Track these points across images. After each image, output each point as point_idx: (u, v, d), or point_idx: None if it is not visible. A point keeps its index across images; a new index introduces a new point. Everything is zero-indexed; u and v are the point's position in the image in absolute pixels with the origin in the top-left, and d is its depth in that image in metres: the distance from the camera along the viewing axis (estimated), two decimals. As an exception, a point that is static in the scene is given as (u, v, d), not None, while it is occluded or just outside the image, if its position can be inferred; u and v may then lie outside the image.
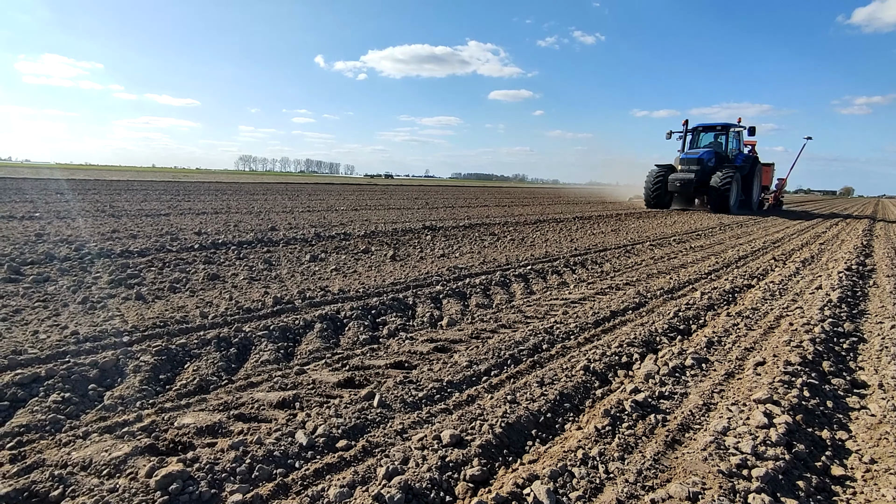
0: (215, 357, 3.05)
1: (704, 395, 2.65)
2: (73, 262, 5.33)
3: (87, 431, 2.22)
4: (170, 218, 10.55)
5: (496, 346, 3.35)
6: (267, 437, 2.12)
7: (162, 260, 5.71)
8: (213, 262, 5.77)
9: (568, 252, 7.63)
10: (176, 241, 6.99)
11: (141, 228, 8.47)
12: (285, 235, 8.02)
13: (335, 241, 7.75)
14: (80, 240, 6.90)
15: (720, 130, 20.61)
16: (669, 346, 3.56)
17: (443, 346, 3.49)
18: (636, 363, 3.21)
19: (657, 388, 2.72)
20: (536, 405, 2.51)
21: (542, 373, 2.95)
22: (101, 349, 3.05)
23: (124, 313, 3.81)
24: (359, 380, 2.88)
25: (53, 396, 2.44)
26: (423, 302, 4.45)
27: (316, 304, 4.23)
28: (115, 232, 7.87)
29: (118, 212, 11.29)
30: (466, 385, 2.80)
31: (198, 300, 4.24)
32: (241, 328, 3.43)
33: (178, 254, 6.16)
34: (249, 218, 10.99)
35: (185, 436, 2.22)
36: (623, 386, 2.82)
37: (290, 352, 3.32)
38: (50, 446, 2.10)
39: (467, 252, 7.28)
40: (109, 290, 4.44)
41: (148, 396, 2.59)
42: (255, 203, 15.82)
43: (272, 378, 2.87)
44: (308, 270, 5.60)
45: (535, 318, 4.26)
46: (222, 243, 6.96)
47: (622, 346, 3.42)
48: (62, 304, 3.93)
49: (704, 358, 3.19)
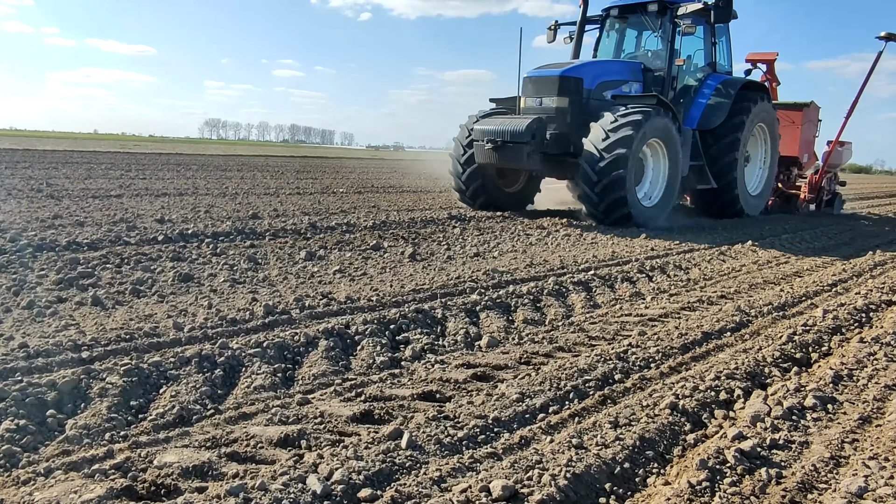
0: (197, 380, 3.19)
1: (832, 445, 2.68)
2: (11, 257, 5.58)
3: (50, 468, 2.37)
4: (122, 200, 10.89)
5: (554, 375, 3.42)
6: (272, 483, 2.23)
7: (119, 255, 5.93)
8: (183, 259, 5.97)
9: (642, 253, 7.64)
10: (134, 231, 7.24)
11: (88, 214, 8.77)
12: (271, 225, 8.22)
13: (336, 234, 7.91)
14: (14, 227, 7.20)
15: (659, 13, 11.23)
16: (782, 380, 3.58)
17: (483, 372, 3.58)
18: (738, 401, 3.25)
19: (768, 434, 2.76)
20: (610, 452, 2.58)
21: (615, 411, 3.02)
22: (58, 366, 3.23)
23: (80, 322, 4.00)
24: (379, 413, 2.99)
25: (6, 424, 2.61)
26: (455, 315, 4.55)
27: (318, 315, 4.37)
28: (56, 218, 8.19)
29: (58, 191, 11.70)
30: (518, 424, 2.88)
31: (169, 307, 4.42)
32: (228, 344, 3.58)
33: (139, 247, 6.38)
34: (223, 202, 11.27)
35: (169, 477, 2.35)
36: (722, 430, 2.87)
37: (290, 375, 3.45)
38: (7, 484, 2.26)
39: (509, 250, 7.36)
40: (59, 292, 4.66)
41: (118, 427, 2.74)
42: (229, 182, 16.17)
43: (269, 408, 2.99)
44: (304, 271, 5.75)
45: (601, 339, 4.32)
46: (192, 234, 7.19)
47: (719, 378, 3.46)
48: (4, 310, 4.14)
49: (830, 397, 3.21)
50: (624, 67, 11.50)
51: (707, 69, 12.39)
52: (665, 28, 11.37)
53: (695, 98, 11.99)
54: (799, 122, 14.16)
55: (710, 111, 11.82)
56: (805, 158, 14.45)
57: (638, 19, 12.03)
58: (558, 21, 13.00)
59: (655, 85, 11.34)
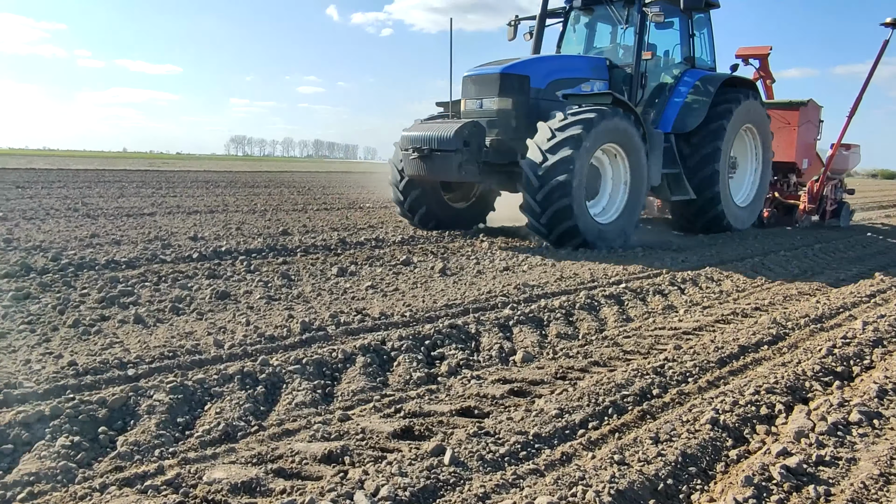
0: (240, 397, 3.26)
1: (881, 462, 2.64)
2: (54, 276, 5.75)
3: (104, 484, 2.44)
4: (156, 218, 11.14)
5: (591, 391, 3.42)
6: (320, 499, 2.28)
7: (157, 273, 6.07)
8: (218, 276, 6.10)
9: (673, 264, 7.59)
10: (169, 249, 7.41)
11: (124, 232, 8.99)
12: (302, 241, 8.34)
13: (366, 249, 8.00)
14: (55, 246, 7.42)
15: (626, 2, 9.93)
16: (824, 394, 3.54)
17: (520, 388, 3.60)
18: (780, 416, 3.22)
19: (813, 450, 2.73)
20: (652, 468, 2.58)
21: (655, 426, 3.01)
22: (106, 384, 3.33)
23: (124, 340, 4.11)
24: (419, 430, 3.02)
25: (61, 440, 2.70)
26: (489, 330, 4.57)
27: (353, 331, 4.43)
28: (94, 237, 8.41)
29: (93, 210, 12.01)
30: (558, 440, 2.89)
31: (208, 325, 4.52)
32: (268, 361, 3.65)
33: (175, 265, 6.53)
34: (253, 218, 11.46)
35: (219, 493, 2.41)
36: (766, 446, 2.85)
37: (329, 392, 3.51)
38: (66, 500, 2.33)
39: (538, 264, 7.37)
40: (101, 310, 4.79)
41: (167, 443, 2.82)
42: (258, 198, 16.43)
43: (311, 424, 3.05)
44: (337, 287, 5.83)
45: (636, 353, 4.31)
46: (226, 251, 7.33)
47: (759, 392, 3.43)
48: (51, 328, 4.28)
49: (876, 412, 3.17)
50: (584, 64, 10.03)
51: (684, 65, 10.93)
52: (633, 19, 9.84)
53: (670, 97, 10.55)
54: (795, 123, 12.62)
55: (687, 112, 10.38)
56: (805, 164, 12.90)
57: (605, 11, 10.50)
58: (518, 16, 11.46)
59: (625, 83, 9.94)
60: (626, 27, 10.16)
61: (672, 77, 10.81)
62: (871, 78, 12.03)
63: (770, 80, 13.84)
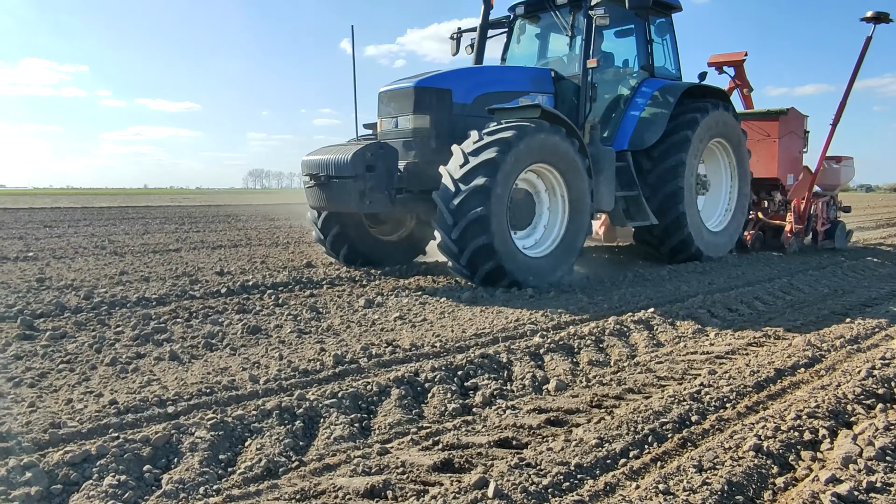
0: (279, 432, 3.29)
1: (933, 486, 2.59)
2: (88, 314, 5.87)
3: (153, 523, 2.48)
4: (181, 254, 11.32)
5: (629, 419, 3.41)
6: (368, 534, 2.29)
7: (187, 309, 6.16)
8: (248, 311, 6.17)
9: (703, 288, 7.54)
10: (197, 285, 7.52)
11: (152, 269, 9.15)
12: (327, 273, 8.42)
13: (391, 280, 8.05)
14: (86, 285, 7.57)
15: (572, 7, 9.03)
16: (868, 417, 3.48)
17: (556, 417, 3.59)
18: (825, 441, 3.17)
19: (863, 476, 2.69)
20: (699, 497, 2.55)
21: (697, 454, 2.99)
22: (147, 422, 3.38)
23: (161, 377, 4.17)
24: (459, 462, 3.02)
25: (108, 479, 2.74)
26: (520, 359, 4.57)
27: (386, 363, 4.46)
28: (123, 274, 8.56)
29: (120, 248, 12.23)
30: (600, 470, 2.88)
31: (242, 360, 4.57)
32: (305, 395, 3.68)
33: (205, 300, 6.63)
34: (277, 252, 11.59)
35: (266, 530, 2.43)
36: (813, 473, 2.81)
37: (366, 425, 3.52)
38: (117, 540, 2.37)
39: (564, 290, 7.35)
40: (136, 347, 4.87)
41: (211, 481, 2.85)
42: (279, 231, 16.62)
43: (351, 459, 3.06)
44: (365, 319, 5.87)
45: (671, 378, 4.28)
46: (253, 286, 7.42)
47: (801, 417, 3.39)
48: (90, 367, 4.36)
49: (923, 435, 3.11)
50: (522, 75, 8.87)
51: (643, 74, 9.76)
52: (579, 25, 8.83)
53: (626, 111, 9.44)
54: (776, 135, 11.39)
55: (644, 126, 9.18)
56: (790, 180, 11.61)
57: (552, 19, 9.42)
58: (461, 28, 10.34)
59: (576, 96, 8.79)
60: (572, 35, 9.01)
61: (629, 88, 9.69)
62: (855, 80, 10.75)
63: (747, 90, 12.89)
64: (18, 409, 3.56)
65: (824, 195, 12.00)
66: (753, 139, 11.26)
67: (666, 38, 10.30)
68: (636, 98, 9.46)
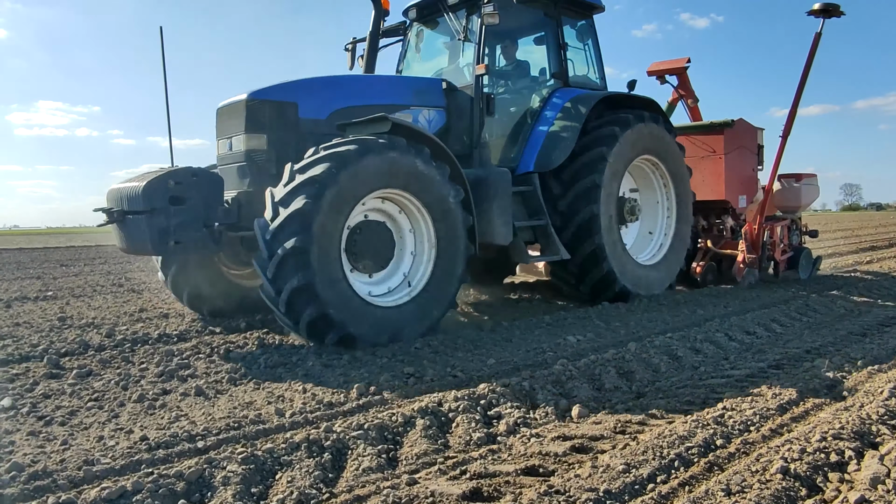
0: (309, 465, 3.35)
1: (963, 505, 2.60)
2: (112, 352, 5.97)
3: (192, 557, 2.53)
4: (198, 290, 11.42)
5: (654, 444, 3.43)
6: (405, 564, 2.33)
7: (209, 345, 6.24)
8: (269, 345, 6.24)
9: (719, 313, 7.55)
10: (217, 319, 7.60)
11: (170, 305, 9.25)
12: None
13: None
14: (107, 322, 7.69)
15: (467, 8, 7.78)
16: (893, 438, 3.49)
17: (581, 444, 3.62)
18: (851, 463, 3.19)
19: (892, 496, 2.71)
20: (730, 521, 2.58)
21: (724, 478, 3.01)
22: (179, 457, 3.44)
23: (188, 413, 4.24)
24: (487, 491, 3.06)
25: (146, 515, 2.80)
26: (543, 388, 4.61)
27: (408, 394, 4.51)
28: (142, 311, 8.68)
29: (137, 285, 12.38)
30: (629, 495, 2.91)
31: (267, 393, 4.64)
32: (331, 428, 3.73)
33: (225, 336, 6.72)
34: (292, 285, 11.67)
35: (303, 562, 2.47)
36: (842, 494, 2.82)
37: (393, 456, 3.57)
38: (159, 574, 2.42)
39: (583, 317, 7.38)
40: (162, 384, 4.95)
41: (245, 515, 2.90)
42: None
43: (380, 490, 3.10)
44: (387, 350, 5.92)
45: (693, 403, 4.31)
46: (272, 319, 7.48)
47: (825, 439, 3.40)
48: (118, 404, 4.44)
49: (950, 454, 3.12)
50: (401, 86, 7.61)
51: (556, 83, 8.43)
52: (473, 27, 7.53)
53: (533, 126, 8.08)
54: (721, 151, 9.76)
55: (552, 143, 7.79)
56: (742, 202, 10.06)
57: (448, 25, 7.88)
58: (356, 38, 8.84)
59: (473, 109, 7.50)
60: (465, 39, 7.49)
61: (540, 100, 8.35)
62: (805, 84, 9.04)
63: (692, 100, 11.50)
64: (51, 447, 3.64)
65: (784, 218, 10.38)
66: (697, 156, 9.86)
67: (588, 44, 8.95)
68: (545, 111, 8.10)
